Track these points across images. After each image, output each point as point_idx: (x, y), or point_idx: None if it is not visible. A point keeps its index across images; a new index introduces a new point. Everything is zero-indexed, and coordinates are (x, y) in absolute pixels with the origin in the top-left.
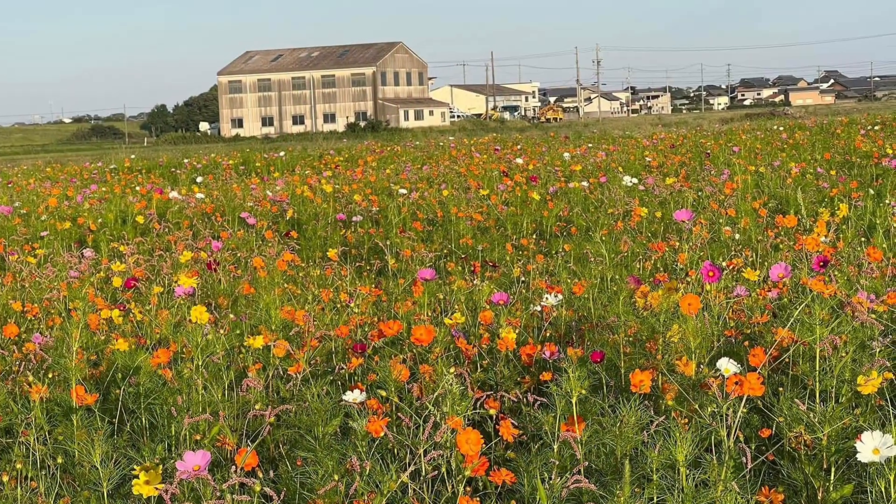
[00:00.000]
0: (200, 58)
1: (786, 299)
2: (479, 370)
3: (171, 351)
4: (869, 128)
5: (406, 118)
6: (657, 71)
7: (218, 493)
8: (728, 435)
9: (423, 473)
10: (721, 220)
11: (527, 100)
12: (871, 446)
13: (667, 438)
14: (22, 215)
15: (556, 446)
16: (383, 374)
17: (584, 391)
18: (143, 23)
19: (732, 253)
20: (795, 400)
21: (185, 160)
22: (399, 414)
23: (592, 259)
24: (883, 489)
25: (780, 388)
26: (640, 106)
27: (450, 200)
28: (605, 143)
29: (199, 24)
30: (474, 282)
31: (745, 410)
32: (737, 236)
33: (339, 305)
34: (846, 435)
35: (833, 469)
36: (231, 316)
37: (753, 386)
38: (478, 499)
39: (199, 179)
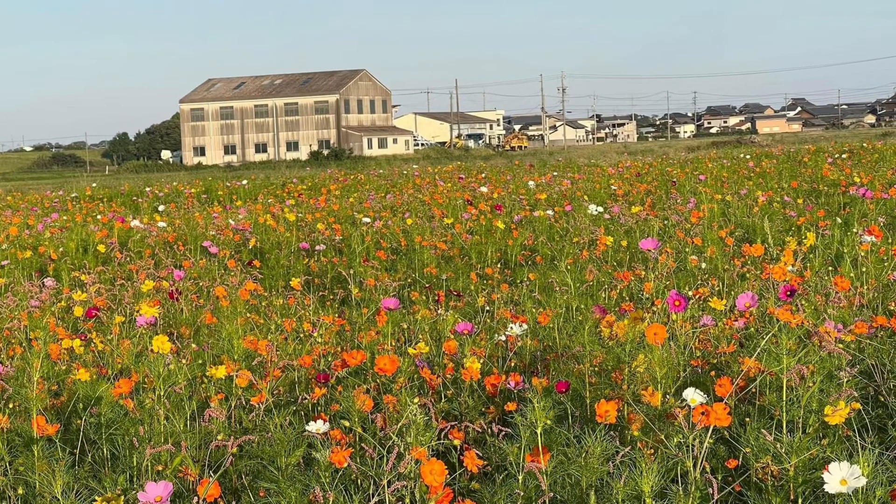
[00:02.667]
0: (162, 86)
1: (753, 329)
2: (443, 400)
3: (133, 381)
4: (836, 156)
5: (370, 146)
6: (623, 99)
7: None
8: (694, 465)
9: None
10: (687, 249)
11: (491, 128)
12: (838, 477)
13: (632, 469)
14: None
15: (520, 477)
16: (347, 405)
17: (549, 421)
18: (105, 51)
19: (699, 282)
20: (762, 430)
21: (147, 188)
22: (363, 444)
23: (557, 288)
24: None
25: (747, 419)
26: (606, 134)
27: (414, 229)
28: (571, 172)
29: (161, 52)
30: (438, 311)
31: (711, 441)
32: (703, 265)
33: (302, 335)
34: (813, 466)
35: (800, 500)
36: (193, 346)
37: (720, 416)
38: None
39: (160, 208)
